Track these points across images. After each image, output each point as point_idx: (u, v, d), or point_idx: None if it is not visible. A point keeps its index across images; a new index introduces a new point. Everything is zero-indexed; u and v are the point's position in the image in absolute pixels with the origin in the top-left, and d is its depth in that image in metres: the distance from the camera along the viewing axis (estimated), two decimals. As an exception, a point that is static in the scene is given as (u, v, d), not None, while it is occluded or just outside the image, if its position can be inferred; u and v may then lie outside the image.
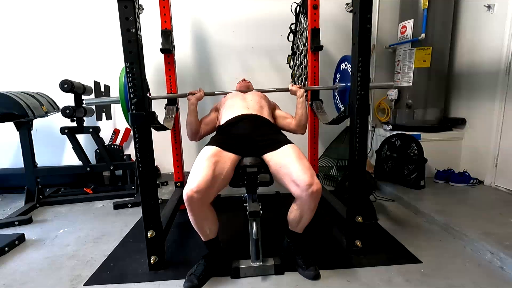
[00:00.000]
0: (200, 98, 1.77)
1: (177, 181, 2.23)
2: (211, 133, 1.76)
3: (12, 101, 2.05)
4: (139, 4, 1.35)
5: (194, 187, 1.17)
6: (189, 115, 1.72)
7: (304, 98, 1.75)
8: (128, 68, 1.24)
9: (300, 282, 1.30)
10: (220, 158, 1.30)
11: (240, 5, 2.74)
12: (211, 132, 1.78)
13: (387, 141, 2.57)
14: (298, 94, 1.75)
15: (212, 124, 1.79)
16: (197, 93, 1.77)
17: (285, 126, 1.77)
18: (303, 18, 2.21)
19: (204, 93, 1.79)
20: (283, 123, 1.77)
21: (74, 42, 2.71)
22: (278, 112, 1.81)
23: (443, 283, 1.27)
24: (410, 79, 2.59)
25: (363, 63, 1.35)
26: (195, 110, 1.73)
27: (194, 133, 1.75)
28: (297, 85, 1.81)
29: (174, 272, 1.39)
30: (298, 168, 1.23)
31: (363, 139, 1.41)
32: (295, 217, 1.34)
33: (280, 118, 1.78)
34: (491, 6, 2.25)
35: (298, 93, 1.76)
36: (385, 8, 2.80)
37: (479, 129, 2.43)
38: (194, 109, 1.73)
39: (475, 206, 1.96)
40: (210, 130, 1.80)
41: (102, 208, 2.30)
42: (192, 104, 1.72)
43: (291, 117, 1.78)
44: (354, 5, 1.37)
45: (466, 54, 2.54)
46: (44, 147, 2.69)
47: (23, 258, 1.57)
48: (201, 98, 1.78)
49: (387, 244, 1.60)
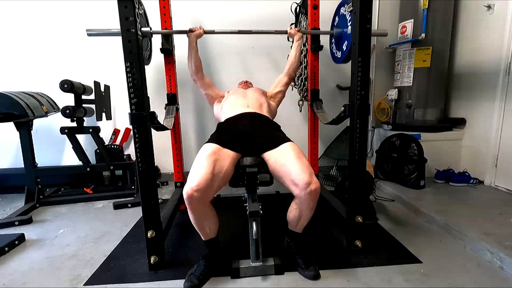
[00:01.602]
0: (199, 35, 1.83)
1: (177, 181, 2.23)
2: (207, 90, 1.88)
3: (12, 101, 2.05)
4: (139, 4, 1.35)
5: (194, 186, 1.17)
6: (190, 51, 1.82)
7: (300, 42, 1.88)
8: (128, 68, 1.24)
9: (300, 282, 1.30)
10: (220, 156, 1.30)
11: (240, 5, 2.74)
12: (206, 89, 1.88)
13: (387, 141, 2.57)
14: (296, 37, 1.86)
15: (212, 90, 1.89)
16: (196, 30, 1.81)
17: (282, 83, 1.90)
18: (303, 18, 2.21)
19: (204, 30, 1.82)
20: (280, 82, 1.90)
21: (74, 42, 2.71)
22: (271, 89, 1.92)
23: (443, 283, 1.27)
24: (410, 79, 2.59)
25: (363, 63, 1.35)
26: (195, 47, 1.82)
27: (194, 68, 1.84)
28: (296, 28, 1.89)
29: (174, 272, 1.38)
30: (296, 167, 1.24)
31: (363, 139, 1.41)
32: (294, 216, 1.34)
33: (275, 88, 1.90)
34: (491, 6, 2.25)
35: (296, 36, 1.86)
36: (385, 8, 2.80)
37: (479, 129, 2.43)
38: (194, 46, 1.81)
39: (475, 206, 1.96)
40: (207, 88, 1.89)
41: (102, 208, 2.30)
42: (192, 41, 1.81)
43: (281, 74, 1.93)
44: (354, 5, 1.37)
45: (466, 54, 2.55)
46: (44, 147, 2.69)
47: (23, 258, 1.56)
48: (200, 36, 1.83)
49: (387, 244, 1.60)
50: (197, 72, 1.86)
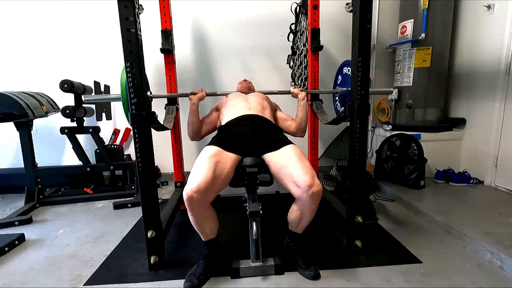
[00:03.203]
0: (202, 98, 1.78)
1: (177, 181, 2.23)
2: (212, 133, 1.76)
3: (12, 101, 2.05)
4: (139, 4, 1.35)
5: (194, 187, 1.17)
6: (191, 115, 1.72)
7: (305, 101, 1.75)
8: (128, 68, 1.24)
9: (300, 282, 1.30)
10: (221, 159, 1.30)
11: (240, 5, 2.74)
12: (212, 132, 1.79)
13: (387, 141, 2.57)
14: (300, 97, 1.75)
15: (213, 124, 1.79)
16: (199, 93, 1.77)
17: (285, 129, 1.77)
18: (303, 18, 2.21)
19: (206, 93, 1.79)
20: (284, 125, 1.77)
21: (74, 42, 2.71)
22: (279, 114, 1.81)
23: (443, 283, 1.27)
24: (410, 79, 2.59)
25: (363, 63, 1.35)
26: (196, 111, 1.73)
27: (196, 133, 1.75)
28: (299, 88, 1.82)
29: (174, 272, 1.38)
30: (299, 169, 1.23)
31: (363, 139, 1.41)
32: (295, 218, 1.34)
33: (280, 120, 1.78)
34: (491, 6, 2.25)
35: (300, 96, 1.76)
36: (385, 8, 2.80)
37: (479, 129, 2.43)
38: (196, 110, 1.73)
39: (475, 206, 1.96)
40: (211, 129, 1.80)
41: (102, 208, 2.30)
42: (194, 104, 1.73)
43: (292, 120, 1.77)
44: (354, 5, 1.37)
45: (466, 54, 2.55)
46: (44, 147, 2.69)
47: (23, 258, 1.56)
48: (203, 98, 1.78)
49: (387, 244, 1.60)
50: (198, 134, 1.76)
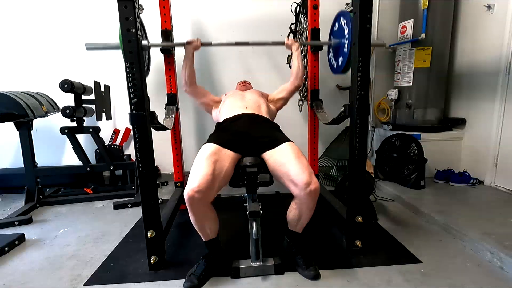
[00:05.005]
0: (197, 48, 1.81)
1: (177, 181, 2.23)
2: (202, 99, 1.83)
3: (12, 101, 2.05)
4: (139, 4, 1.35)
5: (195, 187, 1.17)
6: (185, 61, 1.77)
7: (300, 51, 1.87)
8: (128, 68, 1.24)
9: (300, 282, 1.30)
10: (220, 157, 1.30)
11: (240, 5, 2.74)
12: (201, 98, 1.84)
13: (387, 141, 2.57)
14: (294, 48, 1.84)
15: (207, 98, 1.84)
16: (194, 42, 1.80)
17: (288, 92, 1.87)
18: (303, 18, 2.21)
19: (201, 42, 1.81)
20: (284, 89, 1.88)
21: (74, 42, 2.70)
22: (274, 94, 1.89)
23: (443, 283, 1.27)
24: (410, 79, 2.59)
25: (363, 63, 1.35)
26: (191, 59, 1.78)
27: (188, 80, 1.78)
28: (292, 39, 1.89)
29: (174, 272, 1.39)
30: (296, 167, 1.24)
31: (363, 139, 1.41)
32: (294, 216, 1.34)
33: (278, 93, 1.88)
34: (491, 6, 2.25)
35: (294, 47, 1.84)
36: (385, 8, 2.80)
37: (479, 129, 2.43)
38: (191, 58, 1.78)
39: (475, 206, 1.96)
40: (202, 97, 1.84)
41: (102, 208, 2.30)
42: (189, 52, 1.78)
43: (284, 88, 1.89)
44: (354, 5, 1.37)
45: (466, 54, 2.54)
46: (44, 147, 2.68)
47: (23, 258, 1.56)
48: (198, 48, 1.81)
49: (387, 244, 1.60)
50: (191, 84, 1.80)
